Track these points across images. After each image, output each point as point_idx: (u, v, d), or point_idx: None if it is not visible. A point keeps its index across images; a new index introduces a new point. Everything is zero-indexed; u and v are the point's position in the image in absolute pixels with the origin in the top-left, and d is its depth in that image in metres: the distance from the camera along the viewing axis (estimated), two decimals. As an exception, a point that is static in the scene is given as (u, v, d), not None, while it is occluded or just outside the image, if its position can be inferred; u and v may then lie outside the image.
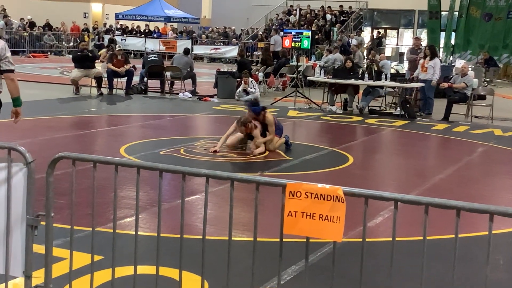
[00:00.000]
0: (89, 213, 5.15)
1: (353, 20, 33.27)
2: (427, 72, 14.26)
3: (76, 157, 3.47)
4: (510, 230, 5.56)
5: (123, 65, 16.37)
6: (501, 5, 25.72)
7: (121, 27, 36.29)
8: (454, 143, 11.32)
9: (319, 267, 4.62)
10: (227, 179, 3.19)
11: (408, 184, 7.96)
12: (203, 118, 13.65)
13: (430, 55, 14.44)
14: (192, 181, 6.73)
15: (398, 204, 2.92)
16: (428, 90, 14.36)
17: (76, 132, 10.92)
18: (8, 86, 5.88)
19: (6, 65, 5.78)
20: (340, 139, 11.14)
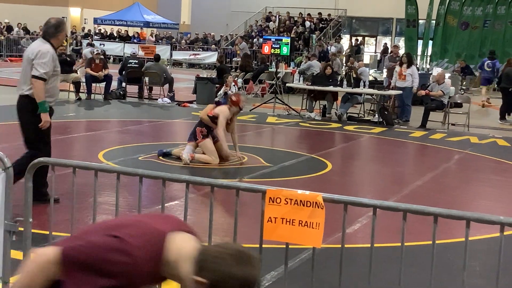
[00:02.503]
0: (66, 218, 5.12)
1: (332, 27, 33.49)
2: (406, 80, 14.39)
3: (55, 162, 3.45)
4: (486, 237, 5.63)
5: (102, 69, 16.30)
6: (478, 14, 26.06)
7: (100, 32, 36.12)
8: (431, 150, 11.43)
9: (298, 272, 4.63)
10: (208, 185, 3.20)
11: (386, 190, 8.01)
12: (182, 124, 13.63)
13: (407, 62, 14.58)
14: (171, 187, 6.72)
15: (377, 210, 2.95)
16: (406, 97, 14.50)
17: (54, 137, 10.79)
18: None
19: (32, 70, 5.73)
20: (319, 146, 11.19)
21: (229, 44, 33.09)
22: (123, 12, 35.35)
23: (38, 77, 5.71)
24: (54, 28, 5.92)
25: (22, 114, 5.94)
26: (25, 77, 5.84)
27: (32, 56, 5.77)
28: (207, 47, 33.75)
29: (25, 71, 5.85)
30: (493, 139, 12.81)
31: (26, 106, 5.85)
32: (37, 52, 5.76)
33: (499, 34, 25.63)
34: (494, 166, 10.12)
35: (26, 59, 5.85)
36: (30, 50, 5.93)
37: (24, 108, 5.90)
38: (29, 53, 5.83)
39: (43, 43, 5.89)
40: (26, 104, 5.85)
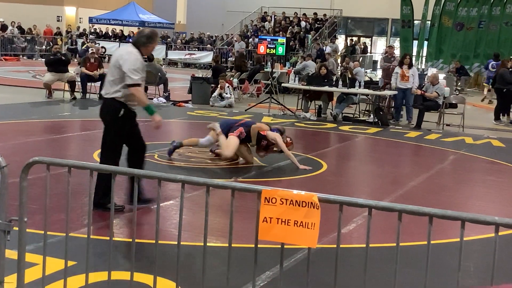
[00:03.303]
0: (61, 218, 5.11)
1: (328, 27, 33.50)
2: (409, 81, 14.35)
3: (51, 161, 3.44)
4: (480, 237, 5.64)
5: (97, 68, 16.27)
6: (473, 15, 26.11)
7: (95, 31, 36.05)
8: (426, 150, 11.45)
9: (293, 273, 4.63)
10: (203, 185, 3.19)
11: (381, 191, 8.03)
12: (177, 123, 13.62)
13: (409, 64, 14.59)
14: (166, 187, 6.72)
15: (372, 210, 2.95)
16: (410, 98, 14.48)
17: (49, 137, 10.81)
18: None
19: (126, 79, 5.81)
20: (314, 146, 11.20)
21: (225, 44, 33.08)
22: (118, 11, 35.29)
23: (132, 84, 5.81)
24: (146, 38, 6.02)
25: (105, 116, 6.05)
26: (111, 80, 5.92)
27: (121, 61, 5.83)
28: (203, 46, 33.73)
29: (111, 74, 5.93)
30: (488, 139, 12.85)
31: (110, 108, 5.97)
32: (126, 58, 5.84)
33: (494, 35, 25.69)
34: (488, 167, 10.14)
35: (114, 63, 5.90)
36: (118, 55, 6.00)
37: (108, 110, 6.00)
38: (118, 58, 5.90)
39: (132, 49, 5.97)
40: (110, 106, 5.96)
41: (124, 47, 6.12)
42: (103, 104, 6.10)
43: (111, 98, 5.90)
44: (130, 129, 6.11)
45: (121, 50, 6.11)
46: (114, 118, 5.94)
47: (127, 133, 6.10)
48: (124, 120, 5.99)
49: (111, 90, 5.91)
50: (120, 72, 5.82)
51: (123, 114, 5.95)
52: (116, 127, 5.99)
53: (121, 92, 5.86)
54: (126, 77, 5.79)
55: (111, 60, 6.07)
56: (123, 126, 6.02)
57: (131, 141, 6.17)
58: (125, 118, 5.99)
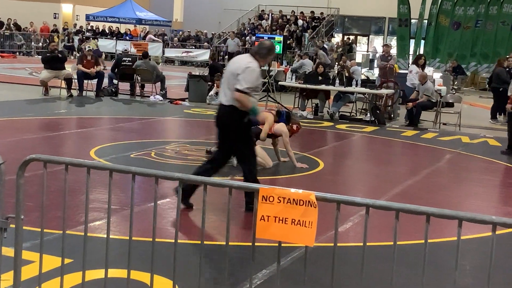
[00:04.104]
0: (58, 215, 5.11)
1: (325, 26, 33.51)
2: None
3: (48, 159, 3.43)
4: (476, 236, 5.65)
5: (93, 66, 16.25)
6: (470, 14, 26.12)
7: (92, 29, 35.99)
8: (423, 149, 11.47)
9: (290, 271, 4.63)
10: (200, 183, 3.19)
11: (377, 189, 8.03)
12: (174, 121, 13.61)
13: (423, 64, 14.64)
14: (163, 185, 6.71)
15: (369, 209, 2.95)
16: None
17: (45, 134, 10.80)
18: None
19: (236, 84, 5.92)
20: (311, 144, 11.20)
21: (222, 42, 33.06)
22: (115, 9, 35.22)
23: (241, 90, 5.90)
24: (267, 50, 6.17)
25: (230, 125, 6.15)
26: (228, 87, 6.02)
27: (239, 70, 5.93)
28: (200, 44, 33.70)
29: (228, 82, 6.04)
30: (484, 138, 12.87)
31: (235, 117, 6.05)
32: (246, 68, 5.94)
33: (490, 34, 25.71)
34: (485, 166, 10.16)
35: (232, 72, 6.01)
36: (237, 64, 6.08)
37: (233, 119, 6.08)
38: (237, 67, 5.99)
39: (252, 60, 6.06)
40: (234, 114, 6.04)
41: (243, 58, 6.16)
42: (223, 112, 6.13)
43: (229, 106, 6.02)
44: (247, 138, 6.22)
45: (242, 60, 6.16)
46: (238, 125, 6.07)
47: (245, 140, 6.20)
48: (247, 125, 6.17)
49: (227, 98, 6.02)
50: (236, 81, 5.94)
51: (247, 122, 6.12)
52: (241, 132, 6.14)
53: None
54: (237, 83, 5.90)
55: (229, 69, 6.14)
56: (247, 131, 6.20)
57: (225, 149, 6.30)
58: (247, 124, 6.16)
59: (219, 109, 6.18)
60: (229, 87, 5.99)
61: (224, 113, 6.10)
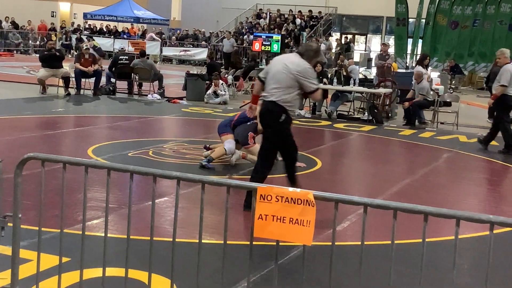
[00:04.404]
0: (56, 214, 5.10)
1: (323, 25, 33.51)
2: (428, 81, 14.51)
3: (45, 158, 3.43)
4: (473, 235, 5.66)
5: (91, 64, 16.23)
6: (467, 13, 26.15)
7: (89, 27, 35.95)
8: (421, 148, 11.47)
9: (287, 270, 4.64)
10: (198, 181, 3.19)
11: (375, 188, 8.04)
12: (171, 120, 13.60)
13: (427, 64, 14.70)
14: (161, 183, 6.70)
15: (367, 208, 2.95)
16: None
17: (43, 133, 10.78)
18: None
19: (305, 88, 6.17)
20: (309, 143, 11.19)
21: (220, 40, 33.05)
22: (113, 7, 35.18)
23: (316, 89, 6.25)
24: (314, 52, 6.40)
25: (272, 122, 6.27)
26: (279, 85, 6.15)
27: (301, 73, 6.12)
28: (197, 43, 33.68)
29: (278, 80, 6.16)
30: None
31: (277, 114, 6.19)
32: (303, 69, 6.16)
33: (488, 34, 25.74)
34: (482, 165, 10.18)
35: (286, 71, 6.14)
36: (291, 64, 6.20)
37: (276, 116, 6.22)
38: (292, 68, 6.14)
39: (301, 59, 6.26)
40: (277, 111, 6.19)
41: (296, 58, 6.32)
42: (266, 108, 6.29)
43: (274, 102, 6.17)
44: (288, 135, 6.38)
45: (294, 59, 6.30)
46: (277, 121, 6.21)
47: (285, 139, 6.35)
48: (285, 125, 6.27)
49: (275, 95, 6.16)
50: (291, 81, 6.11)
51: (284, 119, 6.21)
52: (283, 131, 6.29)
53: (286, 97, 6.15)
54: (306, 86, 6.14)
55: (276, 67, 6.26)
56: (283, 131, 6.31)
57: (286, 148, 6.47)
58: (286, 123, 6.26)
59: (264, 104, 6.32)
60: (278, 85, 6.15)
61: (269, 110, 6.26)
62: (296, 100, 6.32)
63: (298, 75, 6.09)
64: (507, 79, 10.84)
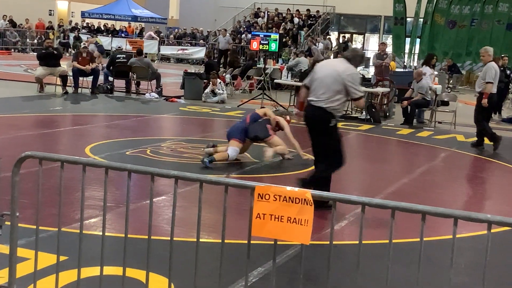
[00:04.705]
0: (53, 213, 5.09)
1: (320, 24, 33.52)
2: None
3: (43, 156, 3.43)
4: (471, 235, 5.67)
5: (89, 63, 16.22)
6: (465, 13, 26.18)
7: (87, 26, 35.91)
8: (418, 148, 11.48)
9: (285, 269, 4.64)
10: (196, 180, 3.19)
11: (372, 187, 8.04)
12: (169, 119, 13.60)
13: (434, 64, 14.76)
14: (158, 182, 6.69)
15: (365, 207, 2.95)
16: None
17: (40, 131, 10.77)
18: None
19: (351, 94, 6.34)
20: (306, 142, 11.16)
21: (217, 39, 33.02)
22: (111, 6, 35.15)
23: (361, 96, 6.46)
24: (361, 58, 6.63)
25: (319, 125, 6.43)
26: (327, 90, 6.28)
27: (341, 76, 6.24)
28: (195, 42, 33.66)
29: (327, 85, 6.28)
30: (479, 137, 12.87)
31: (324, 119, 6.35)
32: (353, 75, 6.35)
33: (486, 33, 25.77)
34: (480, 164, 10.19)
35: (336, 76, 6.27)
36: (338, 70, 6.32)
37: (321, 119, 6.38)
38: (341, 73, 6.26)
39: (350, 65, 6.41)
40: (324, 116, 6.34)
41: (343, 64, 6.43)
42: (314, 113, 6.39)
43: (324, 109, 6.30)
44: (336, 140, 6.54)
45: (342, 65, 6.41)
46: (326, 127, 6.37)
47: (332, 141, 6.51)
48: (334, 129, 6.45)
49: (323, 101, 6.29)
50: (340, 86, 6.23)
51: (334, 124, 6.40)
52: (329, 135, 6.45)
53: (335, 103, 6.29)
54: (352, 93, 6.29)
55: (323, 72, 6.37)
56: (334, 134, 6.50)
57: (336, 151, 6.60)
58: (334, 128, 6.45)
59: (311, 109, 6.42)
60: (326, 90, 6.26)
61: (316, 114, 6.37)
62: (343, 105, 6.50)
63: (347, 81, 6.20)
64: (492, 76, 11.05)
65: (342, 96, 6.29)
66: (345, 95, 6.31)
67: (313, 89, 6.38)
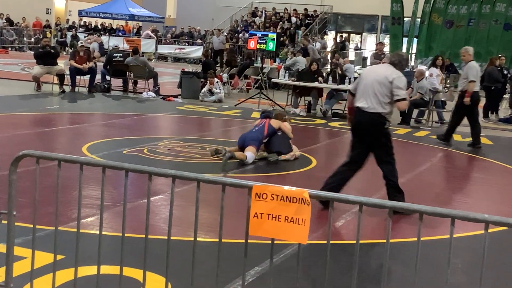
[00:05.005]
0: (50, 212, 5.09)
1: (318, 23, 33.52)
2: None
3: (40, 155, 3.42)
4: (469, 234, 5.67)
5: (86, 62, 16.20)
6: (462, 13, 26.21)
7: (85, 24, 35.85)
8: (415, 147, 11.49)
9: (282, 268, 4.64)
10: (194, 179, 3.18)
11: (369, 187, 8.04)
12: (166, 118, 13.59)
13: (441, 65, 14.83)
14: (155, 181, 6.68)
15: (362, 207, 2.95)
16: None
17: (37, 130, 10.76)
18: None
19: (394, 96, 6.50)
20: (304, 142, 11.19)
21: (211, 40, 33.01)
22: (108, 4, 35.11)
23: (404, 99, 6.59)
24: (406, 61, 6.95)
25: (374, 130, 6.65)
26: (377, 96, 6.50)
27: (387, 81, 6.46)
28: (193, 41, 33.64)
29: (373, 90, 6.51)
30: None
31: (378, 123, 6.59)
32: (400, 79, 6.54)
33: (483, 33, 25.80)
34: (477, 164, 10.19)
35: (384, 81, 6.49)
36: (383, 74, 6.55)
37: (376, 125, 6.60)
38: (389, 77, 6.49)
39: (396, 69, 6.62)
40: (378, 121, 6.58)
41: (388, 69, 6.67)
42: (370, 120, 6.58)
43: (378, 113, 6.51)
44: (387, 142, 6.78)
45: (386, 71, 6.62)
46: (381, 131, 6.63)
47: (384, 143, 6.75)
48: (387, 132, 6.72)
49: (375, 106, 6.51)
50: (388, 90, 6.46)
51: (388, 127, 6.68)
52: (383, 137, 6.71)
53: (386, 107, 6.54)
54: (397, 95, 6.48)
55: (372, 78, 6.57)
56: (388, 136, 6.77)
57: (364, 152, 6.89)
58: (388, 129, 6.71)
59: (361, 115, 6.59)
60: (375, 95, 6.48)
61: (369, 120, 6.57)
62: (393, 108, 6.66)
63: (395, 85, 6.43)
64: (474, 74, 11.28)
65: (391, 100, 6.52)
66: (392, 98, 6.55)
67: (361, 95, 6.58)
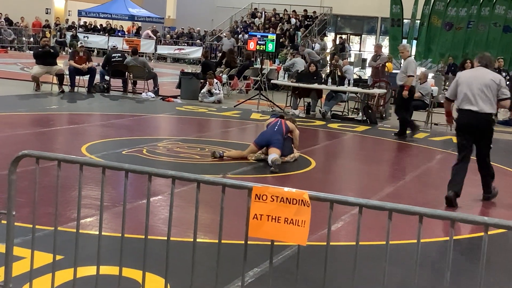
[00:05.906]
0: (49, 212, 5.09)
1: (317, 25, 33.53)
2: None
3: (40, 155, 3.42)
4: (468, 236, 5.68)
5: (85, 62, 16.20)
6: (462, 15, 26.22)
7: (84, 24, 35.85)
8: (414, 149, 11.50)
9: (281, 269, 4.64)
10: (194, 180, 3.18)
11: (369, 189, 8.04)
12: (166, 118, 13.58)
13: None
14: (155, 182, 6.68)
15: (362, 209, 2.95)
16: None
17: (36, 130, 10.75)
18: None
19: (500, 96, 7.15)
20: (303, 143, 11.19)
21: (214, 39, 33.01)
22: (107, 5, 35.11)
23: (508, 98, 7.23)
24: (494, 61, 7.76)
25: (487, 129, 7.32)
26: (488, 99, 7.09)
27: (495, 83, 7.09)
28: (192, 42, 33.64)
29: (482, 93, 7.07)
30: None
31: (489, 121, 7.25)
32: (501, 79, 7.25)
33: (482, 35, 25.82)
34: (475, 166, 10.17)
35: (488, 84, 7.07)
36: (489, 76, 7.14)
37: (490, 124, 7.30)
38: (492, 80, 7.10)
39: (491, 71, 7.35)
40: (490, 120, 7.29)
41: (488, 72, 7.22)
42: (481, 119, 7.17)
43: (489, 114, 7.18)
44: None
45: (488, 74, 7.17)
46: (491, 129, 7.36)
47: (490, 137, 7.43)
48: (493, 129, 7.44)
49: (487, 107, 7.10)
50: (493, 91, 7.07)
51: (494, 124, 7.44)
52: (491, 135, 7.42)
53: (494, 106, 7.20)
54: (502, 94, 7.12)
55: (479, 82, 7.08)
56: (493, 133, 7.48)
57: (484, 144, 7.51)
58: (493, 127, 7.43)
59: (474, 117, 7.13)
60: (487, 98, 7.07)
61: (484, 121, 7.19)
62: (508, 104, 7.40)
63: (502, 85, 7.08)
64: (413, 69, 12.07)
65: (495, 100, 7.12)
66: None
67: (470, 99, 7.07)
